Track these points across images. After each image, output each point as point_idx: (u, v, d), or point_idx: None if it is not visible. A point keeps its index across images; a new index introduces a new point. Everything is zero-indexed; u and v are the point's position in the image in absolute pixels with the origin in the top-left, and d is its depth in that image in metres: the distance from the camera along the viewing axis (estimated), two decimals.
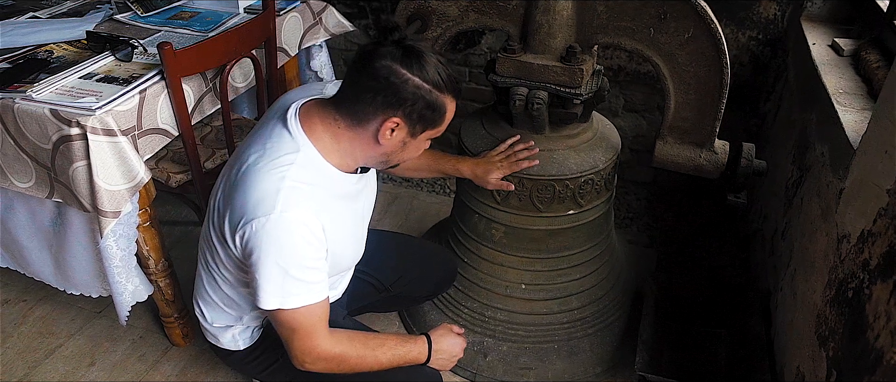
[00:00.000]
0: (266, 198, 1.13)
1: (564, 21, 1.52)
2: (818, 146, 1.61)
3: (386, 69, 1.12)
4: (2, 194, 1.73)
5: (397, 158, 1.27)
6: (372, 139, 1.20)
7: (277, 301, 1.18)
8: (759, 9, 2.17)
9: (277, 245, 1.14)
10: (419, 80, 1.13)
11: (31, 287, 2.10)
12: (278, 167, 1.16)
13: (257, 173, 1.17)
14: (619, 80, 2.46)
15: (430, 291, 1.83)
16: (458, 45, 2.64)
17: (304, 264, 1.17)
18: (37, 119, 1.47)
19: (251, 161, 1.19)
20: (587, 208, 1.72)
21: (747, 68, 2.29)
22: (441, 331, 1.49)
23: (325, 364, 1.27)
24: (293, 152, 1.19)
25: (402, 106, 1.14)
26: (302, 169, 1.18)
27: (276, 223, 1.12)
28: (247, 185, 1.16)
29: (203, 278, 1.40)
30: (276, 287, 1.16)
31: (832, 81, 1.64)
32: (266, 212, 1.12)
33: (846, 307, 1.22)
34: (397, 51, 1.13)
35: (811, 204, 1.59)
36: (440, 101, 1.17)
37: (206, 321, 1.45)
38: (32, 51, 1.72)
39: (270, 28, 1.84)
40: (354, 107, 1.17)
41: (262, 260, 1.14)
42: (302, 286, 1.18)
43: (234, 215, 1.17)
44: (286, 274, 1.15)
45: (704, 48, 1.45)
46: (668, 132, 1.60)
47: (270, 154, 1.19)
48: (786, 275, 1.69)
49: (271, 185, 1.14)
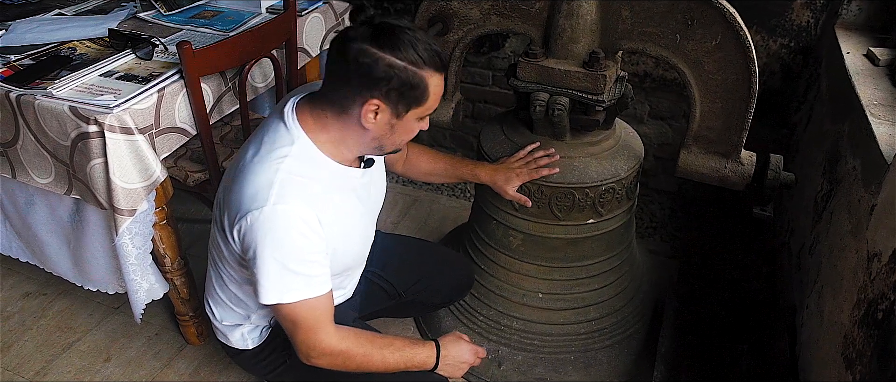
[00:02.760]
0: (260, 191, 1.13)
1: (588, 26, 1.49)
2: (850, 159, 1.55)
3: (356, 51, 1.10)
4: (23, 189, 1.75)
5: (390, 142, 1.24)
6: (358, 125, 1.18)
7: (276, 295, 1.17)
8: (791, 16, 2.11)
9: (272, 238, 1.13)
10: (392, 58, 1.10)
11: (52, 281, 2.12)
12: (273, 161, 1.17)
13: (253, 167, 1.17)
14: (644, 86, 2.41)
15: (445, 299, 1.80)
16: (481, 49, 2.61)
17: (301, 257, 1.16)
18: (56, 116, 1.48)
19: (248, 157, 1.20)
20: (607, 217, 1.68)
21: (778, 77, 2.23)
22: (451, 338, 1.46)
23: (331, 359, 1.25)
24: (288, 145, 1.19)
25: (377, 86, 1.12)
26: (296, 162, 1.18)
27: (269, 216, 1.12)
28: (243, 179, 1.17)
29: (212, 276, 1.40)
30: (274, 282, 1.15)
31: (866, 92, 1.58)
32: (260, 205, 1.12)
33: (875, 329, 1.17)
34: (367, 31, 1.10)
35: (841, 219, 1.53)
36: (418, 77, 1.13)
37: (216, 319, 1.45)
38: (56, 48, 1.74)
39: (291, 28, 1.83)
40: (335, 95, 1.17)
41: (259, 254, 1.14)
42: (300, 280, 1.17)
43: (232, 210, 1.18)
44: (284, 268, 1.15)
45: (732, 56, 1.41)
46: (693, 142, 1.55)
47: (266, 148, 1.19)
48: (812, 292, 1.63)
49: (266, 178, 1.15)
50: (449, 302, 1.85)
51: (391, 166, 1.67)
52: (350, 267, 1.42)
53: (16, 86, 1.53)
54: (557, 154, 1.61)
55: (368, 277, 1.60)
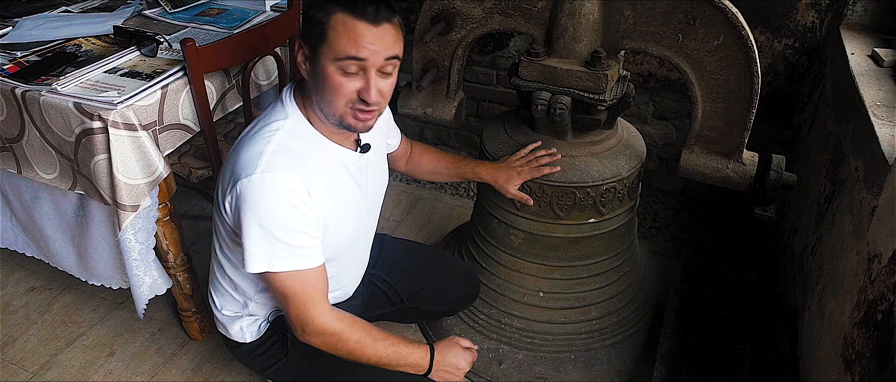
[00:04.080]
0: (251, 160, 1.16)
1: (590, 25, 1.49)
2: (853, 160, 1.54)
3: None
4: (28, 184, 1.77)
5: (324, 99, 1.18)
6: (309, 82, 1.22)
7: (264, 264, 1.17)
8: (796, 16, 2.10)
9: (259, 205, 1.15)
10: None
11: (57, 276, 2.14)
12: (266, 133, 1.21)
13: (247, 140, 1.22)
14: (648, 86, 2.41)
15: (448, 308, 1.79)
16: (486, 48, 2.62)
17: (288, 226, 1.16)
18: (61, 112, 1.49)
19: (244, 134, 1.25)
20: (609, 216, 1.68)
21: (782, 77, 2.22)
22: (447, 344, 1.44)
23: (323, 338, 1.25)
24: (282, 119, 1.23)
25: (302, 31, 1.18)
26: (288, 135, 1.21)
27: (257, 183, 1.14)
28: (237, 151, 1.21)
29: (213, 265, 1.42)
30: (260, 249, 1.16)
31: (870, 93, 1.58)
32: (248, 173, 1.15)
33: (875, 330, 1.17)
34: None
35: (843, 221, 1.52)
36: (319, 13, 1.13)
37: (217, 309, 1.45)
38: (62, 44, 1.75)
39: (295, 26, 1.84)
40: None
41: (246, 221, 1.15)
42: (288, 250, 1.17)
43: (225, 181, 1.21)
44: (271, 236, 1.15)
45: (734, 56, 1.40)
46: (695, 142, 1.55)
47: (260, 124, 1.24)
48: (814, 293, 1.63)
49: (257, 149, 1.18)
50: (452, 312, 1.84)
51: (394, 163, 1.67)
52: (344, 251, 1.37)
53: (21, 82, 1.55)
54: (559, 153, 1.61)
55: (372, 280, 1.60)
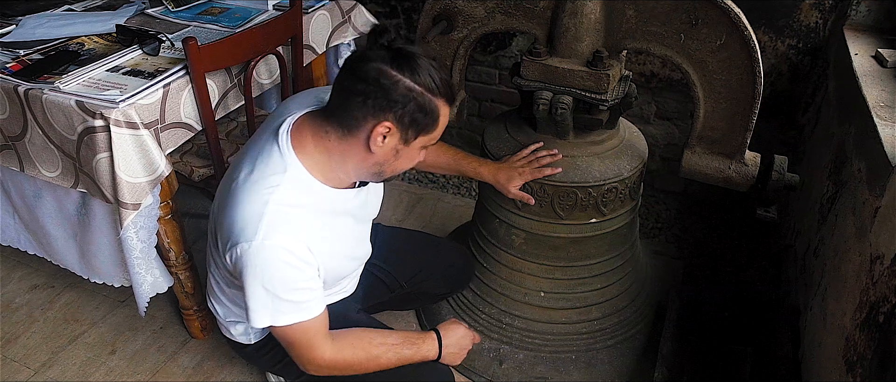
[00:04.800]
0: (249, 223, 1.13)
1: (592, 25, 1.48)
2: (856, 161, 1.54)
3: (375, 71, 1.08)
4: (31, 182, 1.77)
5: (391, 168, 1.23)
6: (363, 148, 1.16)
7: (267, 319, 1.18)
8: (799, 16, 2.09)
9: (262, 271, 1.14)
10: (410, 81, 1.09)
11: (59, 274, 2.14)
12: (264, 189, 1.15)
13: (244, 193, 1.16)
14: (651, 86, 2.40)
15: (446, 289, 1.81)
16: (488, 47, 2.61)
17: (291, 286, 1.16)
18: (63, 110, 1.49)
19: (241, 178, 1.19)
20: (610, 216, 1.68)
21: (785, 78, 2.21)
22: (448, 326, 1.48)
23: (330, 371, 1.27)
24: (280, 172, 1.17)
25: (393, 109, 1.10)
26: (287, 191, 1.16)
27: (258, 251, 1.12)
28: (234, 204, 1.16)
29: (211, 280, 1.42)
30: (264, 307, 1.16)
31: (873, 94, 1.57)
32: (248, 238, 1.12)
33: (877, 331, 1.16)
34: (387, 53, 1.09)
35: (846, 222, 1.52)
36: (433, 104, 1.13)
37: (219, 315, 1.46)
38: (65, 43, 1.75)
39: (296, 26, 1.84)
40: (344, 114, 1.14)
41: (249, 283, 1.15)
42: (291, 306, 1.18)
43: (223, 235, 1.18)
44: (275, 297, 1.15)
45: (737, 56, 1.40)
46: (697, 142, 1.55)
47: (258, 173, 1.17)
48: (816, 294, 1.62)
49: (255, 209, 1.14)
50: (451, 293, 1.86)
51: None
52: (345, 276, 1.43)
53: (24, 80, 1.55)
54: (560, 153, 1.61)
55: (369, 269, 1.60)
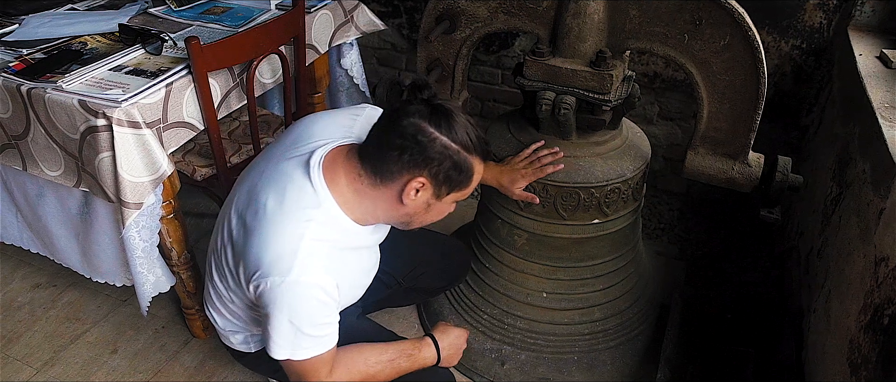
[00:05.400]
0: (283, 257, 1.12)
1: (595, 25, 1.48)
2: (860, 162, 1.53)
3: (413, 127, 1.10)
4: (33, 181, 1.77)
5: (420, 220, 1.25)
6: (395, 199, 1.17)
7: (287, 353, 1.18)
8: (804, 17, 2.08)
9: (291, 307, 1.13)
10: (447, 139, 1.11)
11: (61, 273, 2.14)
12: (298, 223, 1.14)
13: (275, 225, 1.15)
14: (654, 86, 2.40)
15: (443, 283, 1.82)
16: (491, 47, 2.61)
17: (317, 322, 1.17)
18: (66, 109, 1.49)
19: (269, 206, 1.17)
20: (613, 217, 1.67)
21: (789, 78, 2.21)
22: (442, 329, 1.49)
23: None
24: (314, 207, 1.16)
25: (428, 165, 1.12)
26: (321, 227, 1.16)
27: (292, 287, 1.12)
28: (264, 235, 1.14)
29: (212, 291, 1.39)
30: (286, 341, 1.16)
31: (878, 95, 1.56)
32: (281, 273, 1.11)
33: (881, 334, 1.16)
34: (426, 109, 1.11)
35: (850, 223, 1.51)
36: (468, 162, 1.14)
37: (217, 324, 1.46)
38: (68, 42, 1.75)
39: (299, 25, 1.84)
40: (379, 164, 1.15)
41: (275, 316, 1.14)
42: (312, 341, 1.18)
43: (250, 264, 1.16)
44: (299, 331, 1.15)
45: (741, 57, 1.39)
46: (701, 143, 1.54)
47: (290, 205, 1.16)
48: (820, 296, 1.62)
49: (289, 243, 1.12)
50: (448, 286, 1.87)
51: None
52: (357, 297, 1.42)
53: (27, 79, 1.55)
54: (563, 153, 1.60)
55: None
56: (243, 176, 1.32)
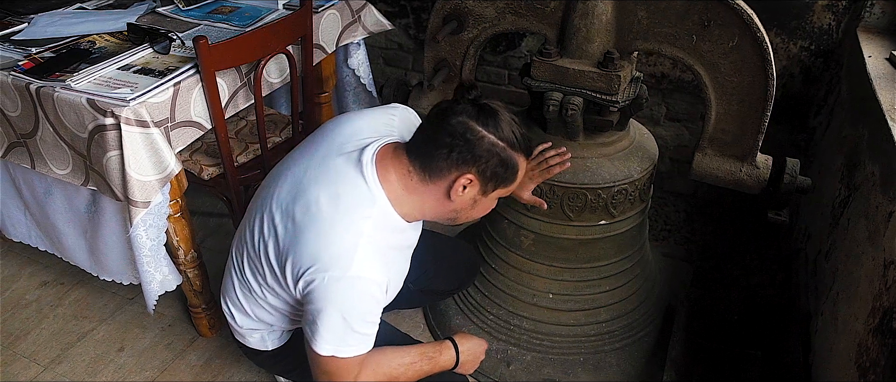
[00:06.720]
0: (343, 254, 1.13)
1: (603, 26, 1.48)
2: (869, 165, 1.52)
3: (462, 125, 1.12)
4: (42, 179, 1.78)
5: (466, 216, 1.26)
6: (443, 195, 1.19)
7: (333, 349, 1.18)
8: (812, 18, 2.07)
9: (348, 303, 1.14)
10: (494, 137, 1.13)
11: (69, 271, 2.15)
12: (355, 221, 1.16)
13: (332, 223, 1.15)
14: (661, 87, 2.39)
15: (453, 286, 1.82)
16: (498, 48, 2.61)
17: (368, 319, 1.18)
18: (74, 108, 1.50)
19: (322, 203, 1.17)
20: (620, 218, 1.67)
21: (797, 80, 2.20)
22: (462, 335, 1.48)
23: None
24: (369, 205, 1.18)
25: (476, 163, 1.14)
26: (377, 226, 1.17)
27: (351, 283, 1.13)
28: (319, 232, 1.15)
29: (236, 286, 1.38)
30: (335, 337, 1.17)
31: (887, 97, 1.55)
32: (342, 268, 1.12)
33: (890, 337, 1.15)
34: (473, 109, 1.14)
35: (858, 226, 1.50)
36: (513, 159, 1.17)
37: (234, 322, 1.44)
38: (76, 41, 1.76)
39: (306, 25, 1.84)
40: (428, 161, 1.17)
41: (327, 311, 1.14)
42: (359, 338, 1.19)
43: (302, 259, 1.15)
44: (350, 328, 1.16)
45: (749, 58, 1.39)
46: (708, 144, 1.54)
47: (345, 203, 1.17)
48: (828, 299, 1.61)
49: (348, 240, 1.14)
50: (457, 290, 1.87)
51: None
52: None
53: (36, 78, 1.56)
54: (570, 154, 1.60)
55: None
56: (279, 173, 1.30)
